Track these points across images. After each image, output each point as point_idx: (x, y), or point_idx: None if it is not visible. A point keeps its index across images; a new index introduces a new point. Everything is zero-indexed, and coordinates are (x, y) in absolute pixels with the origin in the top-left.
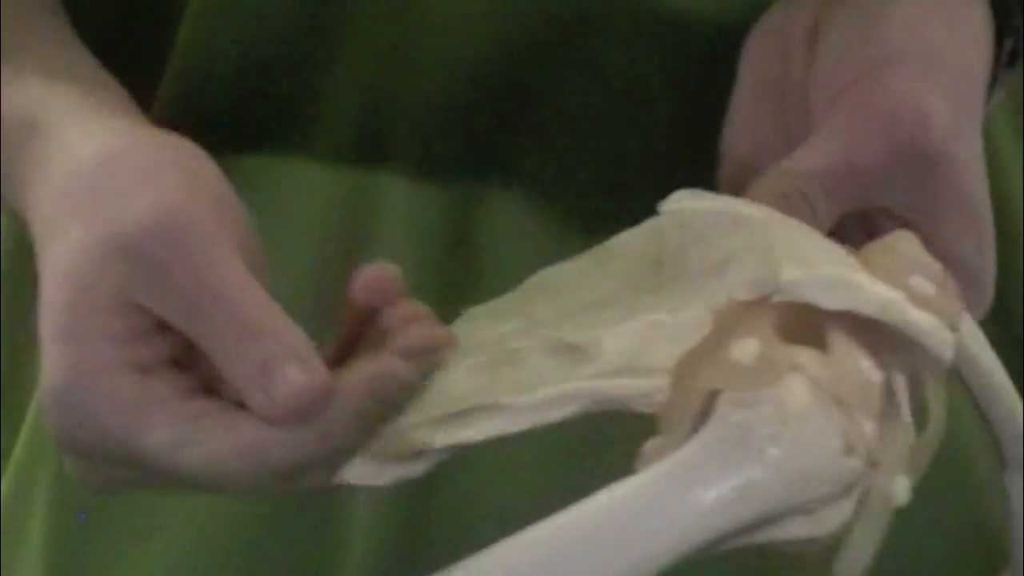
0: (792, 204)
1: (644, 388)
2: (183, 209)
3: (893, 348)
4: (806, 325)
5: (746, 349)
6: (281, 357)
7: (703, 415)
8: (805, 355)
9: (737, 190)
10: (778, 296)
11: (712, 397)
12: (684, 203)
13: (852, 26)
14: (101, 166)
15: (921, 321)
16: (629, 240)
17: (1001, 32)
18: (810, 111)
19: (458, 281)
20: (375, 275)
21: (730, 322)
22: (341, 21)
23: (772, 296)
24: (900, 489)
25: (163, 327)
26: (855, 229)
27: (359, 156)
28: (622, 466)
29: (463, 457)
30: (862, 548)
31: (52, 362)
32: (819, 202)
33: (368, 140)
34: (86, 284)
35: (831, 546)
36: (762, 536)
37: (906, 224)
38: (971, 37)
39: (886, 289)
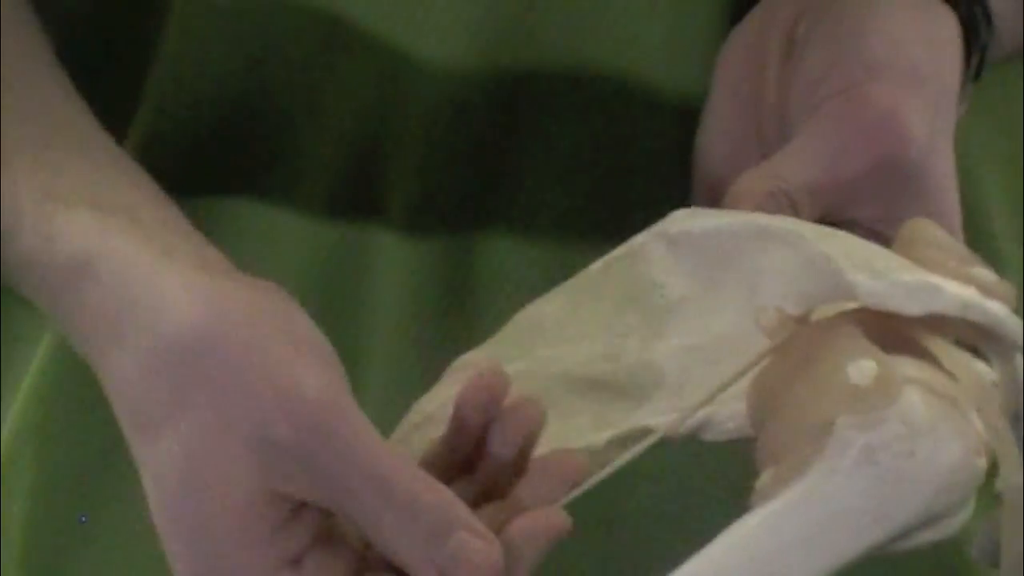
0: (778, 203)
1: (713, 417)
2: (309, 387)
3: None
4: (884, 332)
5: (865, 371)
6: (448, 529)
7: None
8: (912, 366)
9: (713, 195)
10: (858, 304)
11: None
12: (687, 223)
13: (835, 41)
14: (199, 345)
15: (999, 312)
16: (607, 268)
17: (969, 46)
18: (788, 121)
19: (456, 331)
20: (484, 384)
21: (802, 341)
22: (329, 75)
23: (834, 308)
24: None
25: (303, 507)
26: None
27: (347, 206)
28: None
29: None
30: (1016, 547)
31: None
32: (803, 205)
33: (355, 190)
34: (216, 485)
35: None
36: (893, 549)
37: (874, 236)
38: (946, 53)
39: (961, 287)
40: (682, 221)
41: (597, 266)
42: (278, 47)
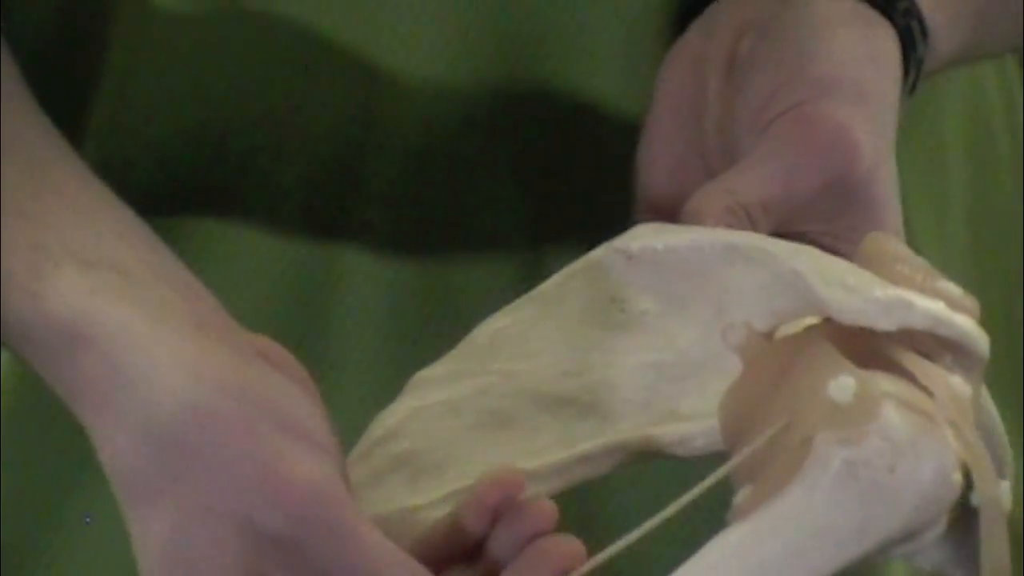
0: (737, 218)
1: (684, 434)
2: (299, 475)
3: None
4: (855, 346)
5: (845, 388)
6: None
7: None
8: (888, 381)
9: (655, 209)
10: (821, 323)
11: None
12: (650, 238)
13: (781, 59)
14: (189, 425)
15: (966, 325)
16: (565, 283)
17: (907, 62)
18: (734, 138)
19: (430, 350)
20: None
21: (773, 358)
22: (302, 92)
23: (800, 323)
24: (1005, 494)
25: None
26: None
27: (320, 224)
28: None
29: None
30: (996, 561)
31: None
32: (759, 220)
33: (329, 208)
34: (200, 567)
35: None
36: (865, 560)
37: (822, 248)
38: (888, 69)
39: (930, 302)
40: (645, 236)
41: (555, 280)
42: (251, 63)
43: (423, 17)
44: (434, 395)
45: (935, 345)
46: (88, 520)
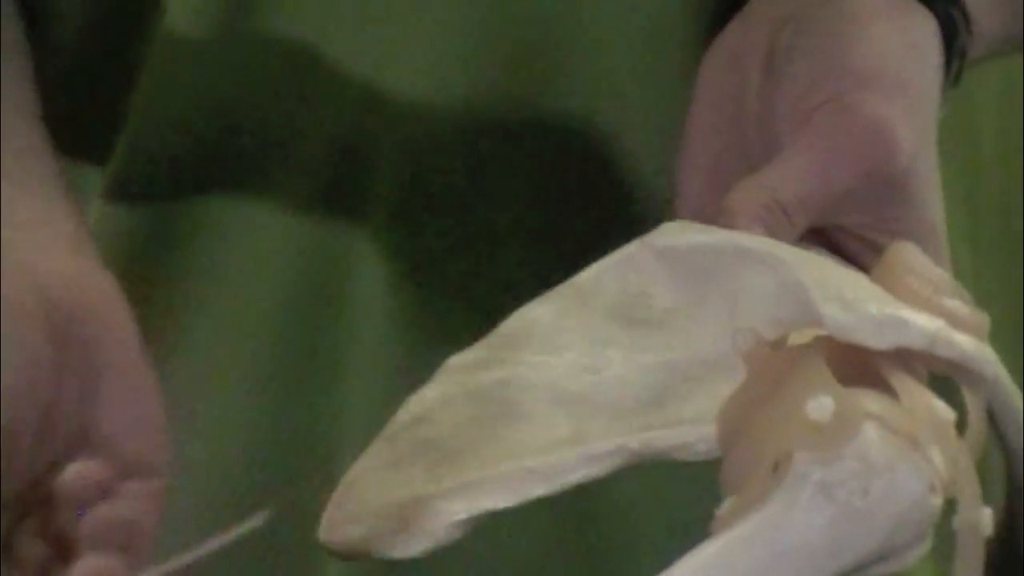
0: (774, 215)
1: (686, 438)
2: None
3: (937, 368)
4: (851, 361)
5: (823, 408)
6: None
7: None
8: (873, 401)
9: (697, 209)
10: (825, 335)
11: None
12: (674, 237)
13: (820, 51)
14: None
15: (967, 346)
16: (599, 275)
17: (949, 52)
18: (774, 132)
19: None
20: None
21: (772, 368)
22: (300, 115)
23: (807, 334)
24: (986, 519)
25: None
26: (809, 243)
27: (330, 209)
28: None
29: None
30: None
31: None
32: (797, 215)
33: (340, 191)
34: None
35: None
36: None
37: (861, 240)
38: (929, 61)
39: (930, 320)
40: (670, 234)
41: (590, 271)
42: (249, 83)
43: (427, 44)
44: (462, 382)
45: (941, 365)
46: None
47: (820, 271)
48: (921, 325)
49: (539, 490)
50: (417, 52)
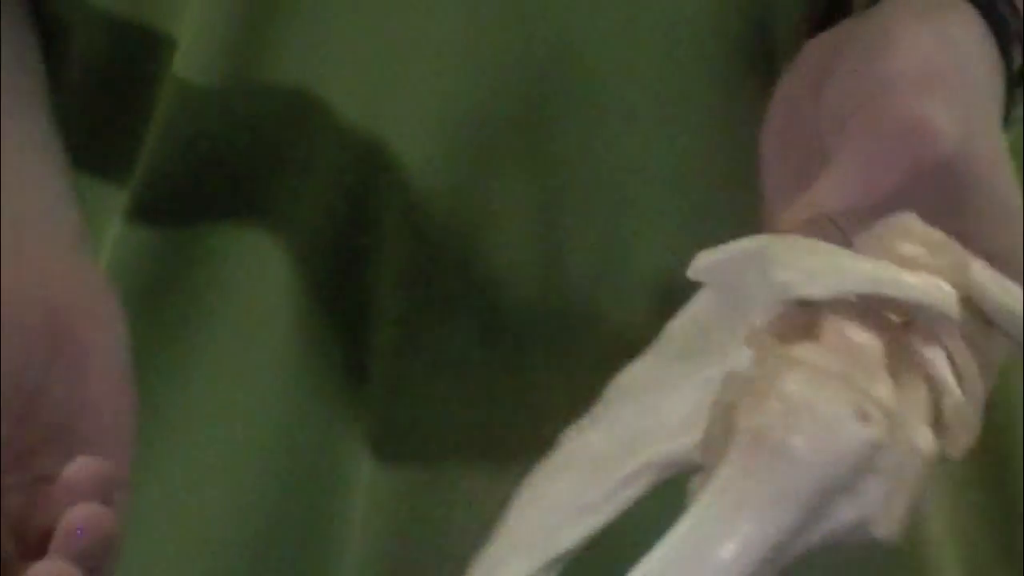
0: (821, 229)
1: (699, 440)
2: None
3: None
4: (811, 326)
5: (742, 359)
6: None
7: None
8: (801, 349)
9: None
10: (775, 300)
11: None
12: (705, 259)
13: (854, 60)
14: None
15: (916, 282)
16: (683, 318)
17: (1003, 39)
18: (824, 148)
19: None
20: None
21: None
22: (302, 162)
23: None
24: (923, 439)
25: None
26: None
27: (343, 227)
28: None
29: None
30: (897, 503)
31: None
32: (849, 225)
33: (348, 228)
34: None
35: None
36: (818, 534)
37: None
38: (967, 52)
39: (871, 262)
40: (702, 260)
41: (676, 324)
42: (249, 129)
43: (429, 85)
44: (571, 446)
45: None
46: None
47: (786, 246)
48: (858, 268)
49: (594, 526)
50: (416, 103)
